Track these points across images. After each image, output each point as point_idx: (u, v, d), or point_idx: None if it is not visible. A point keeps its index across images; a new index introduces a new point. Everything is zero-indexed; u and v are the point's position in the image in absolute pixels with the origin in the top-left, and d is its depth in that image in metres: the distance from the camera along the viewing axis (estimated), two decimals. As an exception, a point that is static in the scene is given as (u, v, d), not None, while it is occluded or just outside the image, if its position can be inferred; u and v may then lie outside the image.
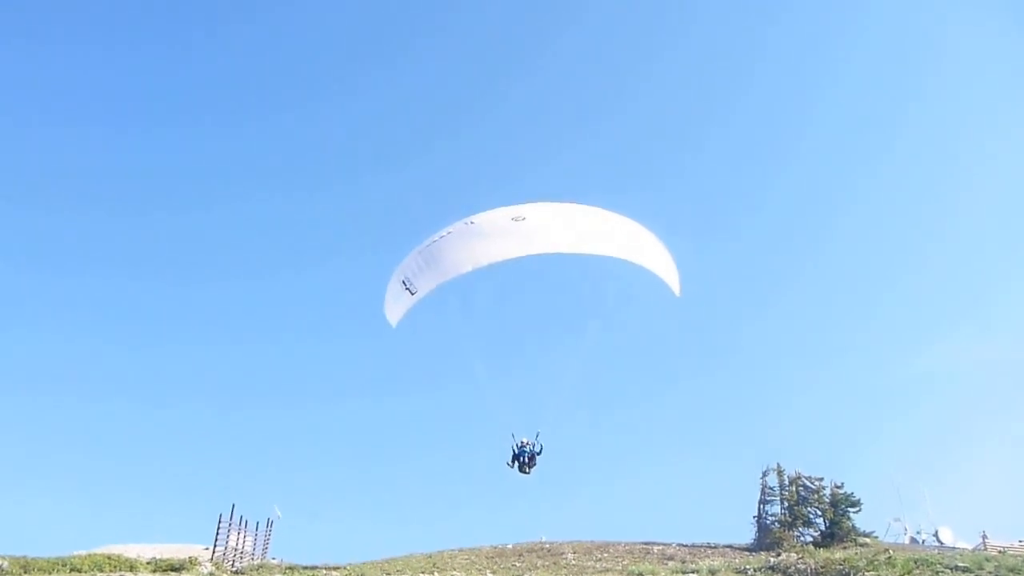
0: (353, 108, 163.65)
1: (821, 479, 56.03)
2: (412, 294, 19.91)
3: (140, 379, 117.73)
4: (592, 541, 56.20)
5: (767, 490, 56.81)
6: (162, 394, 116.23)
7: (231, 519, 49.64)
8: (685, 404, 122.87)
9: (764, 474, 57.43)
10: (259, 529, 52.76)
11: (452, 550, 55.18)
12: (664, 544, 54.86)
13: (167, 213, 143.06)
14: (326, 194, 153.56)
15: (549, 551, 53.29)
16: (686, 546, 54.80)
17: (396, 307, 21.03)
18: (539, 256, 18.81)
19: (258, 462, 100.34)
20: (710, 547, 55.11)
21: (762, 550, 52.50)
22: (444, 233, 20.17)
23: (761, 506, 56.62)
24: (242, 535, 50.81)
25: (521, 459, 22.36)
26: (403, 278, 20.33)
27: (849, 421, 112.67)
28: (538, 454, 22.54)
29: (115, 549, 51.34)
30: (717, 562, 48.43)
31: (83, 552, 49.85)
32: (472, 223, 19.95)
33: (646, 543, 55.25)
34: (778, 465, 57.27)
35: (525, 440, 22.62)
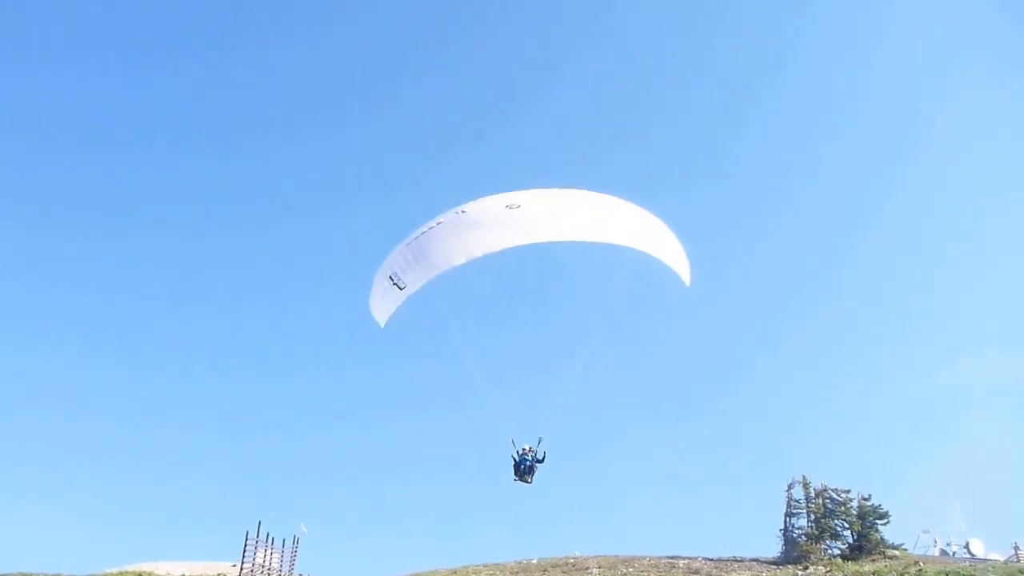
0: (366, 127, 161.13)
1: (848, 491, 53.12)
2: (401, 289, 17.83)
3: (168, 400, 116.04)
4: (617, 555, 53.69)
5: (793, 503, 53.96)
6: (189, 414, 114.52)
7: (258, 536, 48.04)
8: (710, 417, 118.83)
9: (790, 487, 54.55)
10: (285, 546, 50.99)
11: (476, 565, 53.09)
12: (690, 558, 52.34)
13: (219, 236, 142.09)
14: (351, 213, 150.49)
15: (574, 566, 51.00)
16: (712, 560, 52.24)
17: (384, 304, 18.83)
18: (537, 246, 16.73)
19: (284, 480, 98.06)
20: (736, 561, 52.55)
21: (789, 563, 50.07)
22: (434, 224, 18.04)
23: (787, 519, 53.78)
24: (269, 552, 49.15)
25: (521, 468, 20.12)
26: (390, 273, 18.15)
27: (876, 433, 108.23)
28: (540, 462, 20.25)
29: (145, 567, 50.12)
30: (744, 576, 46.20)
31: (114, 570, 48.67)
32: (464, 212, 17.80)
33: (672, 557, 52.73)
34: (804, 477, 54.41)
35: (527, 448, 20.25)
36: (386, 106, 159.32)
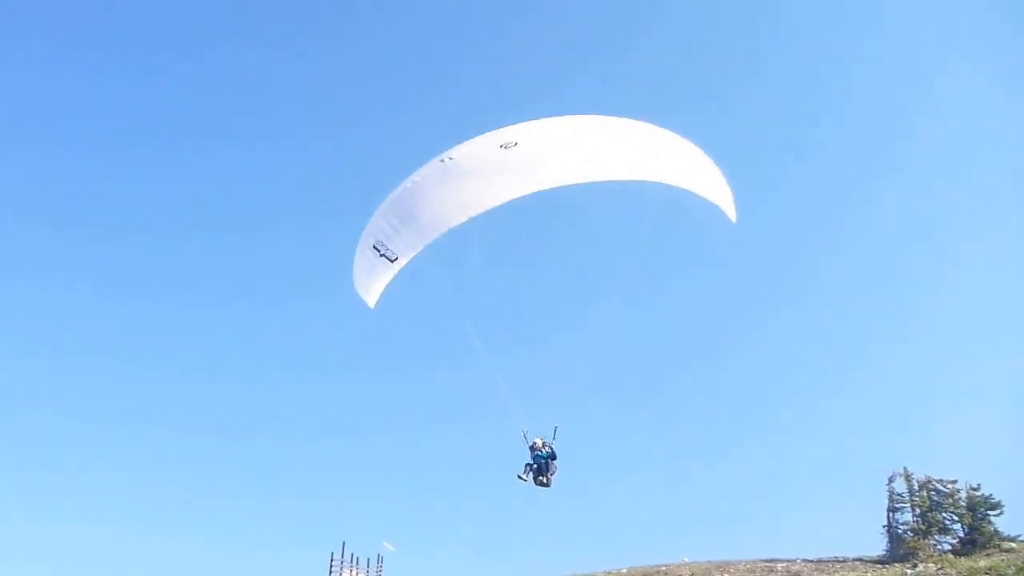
0: (367, 128, 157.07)
1: (954, 481, 47.00)
2: (391, 261, 14.20)
3: (249, 419, 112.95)
4: (711, 561, 49.06)
5: (895, 497, 48.26)
6: (271, 433, 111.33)
7: (343, 556, 46.00)
8: (803, 411, 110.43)
9: (891, 480, 48.77)
10: (370, 565, 48.56)
11: (563, 576, 49.54)
12: (789, 560, 47.40)
13: (241, 236, 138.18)
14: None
15: (666, 574, 46.79)
16: (812, 561, 47.11)
17: (371, 281, 15.02)
18: (546, 193, 12.84)
19: (367, 498, 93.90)
20: (838, 561, 47.23)
21: (896, 561, 44.60)
22: (417, 179, 14.13)
23: (890, 514, 48.01)
24: (355, 571, 46.97)
25: (533, 467, 16.18)
26: (374, 242, 14.47)
27: (979, 417, 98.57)
28: (552, 459, 16.19)
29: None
30: (847, 577, 41.30)
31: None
32: (451, 159, 13.84)
33: (769, 560, 47.80)
34: (905, 469, 48.58)
35: (539, 442, 16.10)
36: (386, 105, 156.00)
